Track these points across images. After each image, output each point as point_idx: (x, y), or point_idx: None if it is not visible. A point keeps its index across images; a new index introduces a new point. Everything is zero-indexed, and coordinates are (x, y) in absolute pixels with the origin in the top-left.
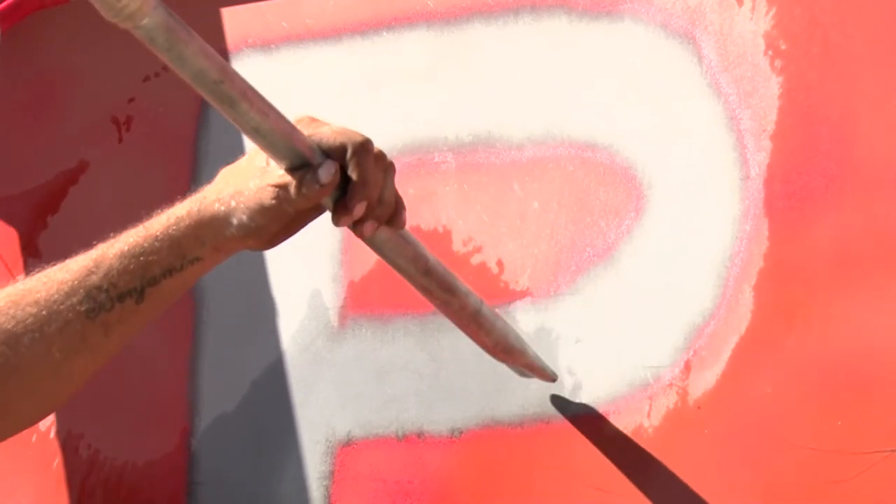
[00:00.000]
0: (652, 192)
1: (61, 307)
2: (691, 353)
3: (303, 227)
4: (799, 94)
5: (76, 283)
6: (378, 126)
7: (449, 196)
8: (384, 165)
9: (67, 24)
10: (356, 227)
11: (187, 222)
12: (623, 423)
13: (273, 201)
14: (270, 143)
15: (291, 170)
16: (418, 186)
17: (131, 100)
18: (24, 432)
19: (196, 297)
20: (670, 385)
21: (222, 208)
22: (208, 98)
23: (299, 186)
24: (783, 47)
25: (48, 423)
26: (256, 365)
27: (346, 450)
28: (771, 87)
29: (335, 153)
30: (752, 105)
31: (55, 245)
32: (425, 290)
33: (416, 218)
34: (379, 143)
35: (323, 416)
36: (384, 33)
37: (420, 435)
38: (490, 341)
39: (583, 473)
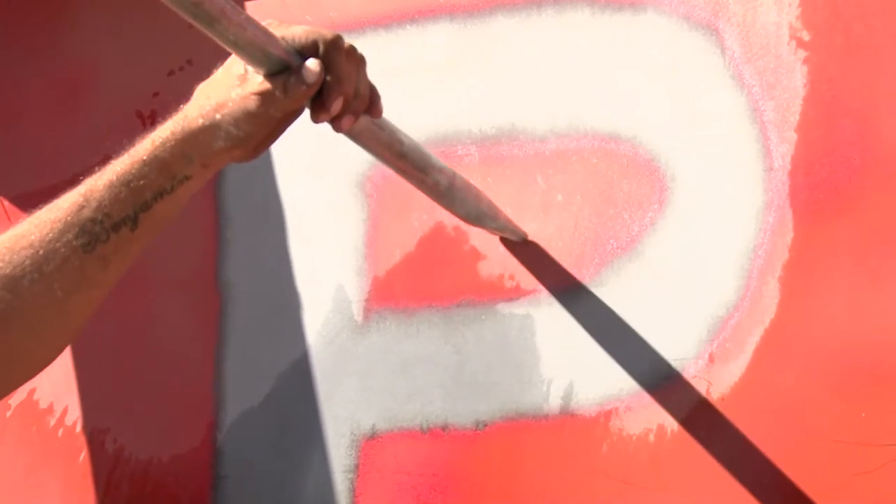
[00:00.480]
0: (675, 183)
1: (57, 245)
2: (715, 344)
3: (282, 132)
4: (822, 85)
5: (69, 219)
6: (401, 119)
7: None
8: (356, 59)
9: (92, 20)
10: (334, 122)
11: (173, 142)
12: (647, 415)
13: (259, 107)
14: (250, 54)
15: (270, 75)
16: None
17: (156, 94)
18: (51, 426)
19: (222, 293)
20: (695, 377)
21: (207, 122)
22: (189, 18)
23: (285, 89)
24: (806, 39)
25: (74, 418)
26: (281, 359)
27: (370, 443)
28: (794, 79)
29: (308, 51)
30: (775, 97)
31: None
32: (401, 171)
33: (440, 210)
34: None
35: (347, 409)
36: (407, 26)
37: (444, 428)
38: (463, 212)
39: (607, 466)
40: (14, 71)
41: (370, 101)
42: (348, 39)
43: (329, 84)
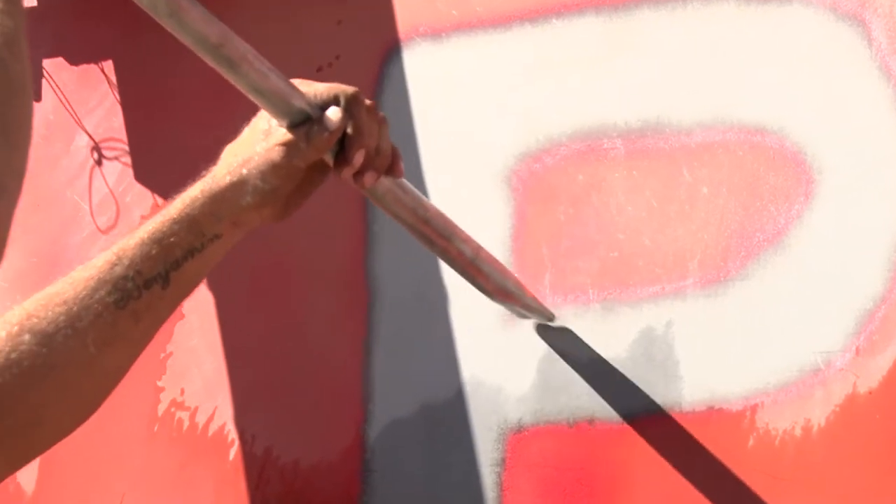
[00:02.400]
0: (822, 176)
1: (90, 301)
2: (862, 337)
3: (312, 190)
4: None
5: (102, 276)
6: (547, 113)
7: (618, 182)
8: (377, 118)
9: (240, 18)
10: (357, 178)
11: (202, 200)
12: (794, 408)
13: (284, 158)
14: (272, 102)
15: (293, 126)
16: (588, 173)
17: None
18: (202, 426)
19: (370, 287)
20: (842, 370)
21: (234, 179)
22: (210, 61)
23: (308, 137)
24: None
25: (224, 416)
26: (428, 353)
27: (517, 437)
28: None
29: (329, 105)
30: None
31: None
32: (424, 239)
33: (586, 204)
34: (548, 131)
35: (494, 403)
36: (553, 20)
37: (591, 422)
38: (489, 285)
39: (754, 460)
40: (167, 71)
41: (392, 161)
42: (494, 34)
43: (350, 136)
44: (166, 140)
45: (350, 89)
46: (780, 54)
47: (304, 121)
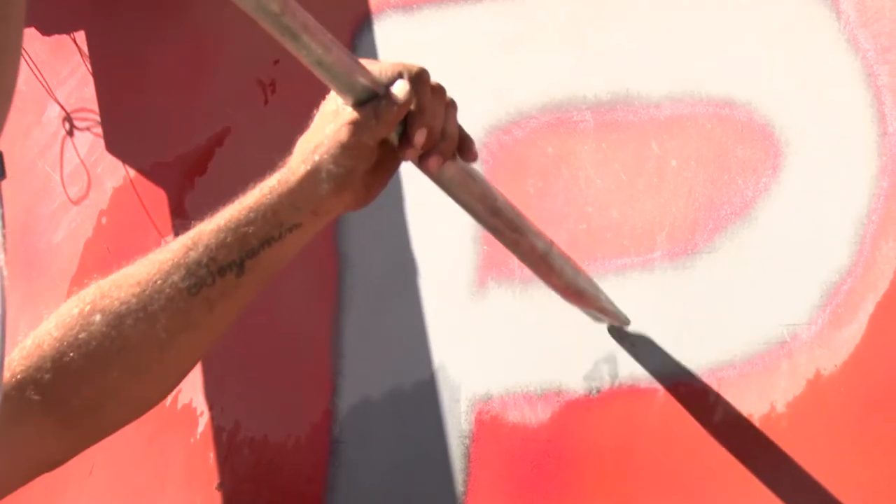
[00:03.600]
0: (789, 149)
1: (163, 285)
2: (828, 310)
3: (389, 174)
4: None
5: (176, 260)
6: (516, 86)
7: (587, 155)
8: (444, 99)
9: None
10: (422, 162)
11: (279, 190)
12: (761, 380)
13: (353, 137)
14: (334, 76)
15: (358, 104)
16: (557, 146)
17: (276, 62)
18: (168, 397)
19: (340, 259)
20: (808, 343)
21: (308, 167)
22: (272, 31)
23: (375, 113)
24: None
25: (194, 390)
26: (398, 325)
27: (485, 408)
28: None
29: (392, 83)
30: (889, 60)
31: (201, 205)
32: (494, 230)
33: (555, 177)
34: (518, 103)
35: (462, 374)
36: None
37: (559, 393)
38: (561, 283)
39: (720, 431)
40: (139, 42)
41: (462, 145)
42: (464, 7)
43: (412, 114)
44: (138, 111)
45: (416, 67)
46: (749, 27)
47: (370, 98)
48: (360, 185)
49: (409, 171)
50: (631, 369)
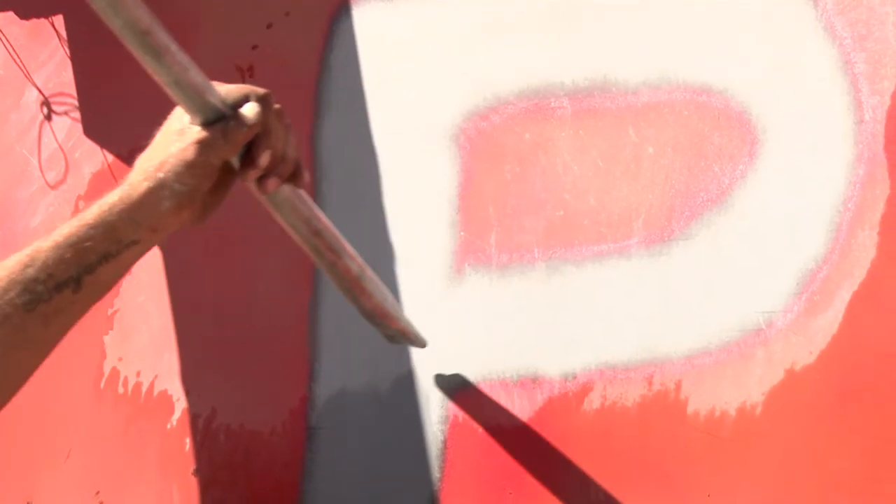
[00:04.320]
0: (766, 136)
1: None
2: (804, 298)
3: (225, 194)
4: None
5: (13, 277)
6: (495, 72)
7: (564, 141)
8: (285, 122)
9: None
10: (261, 182)
11: (120, 206)
12: (736, 367)
13: (199, 156)
14: (189, 96)
15: (206, 124)
16: (534, 132)
17: (254, 47)
18: (145, 383)
19: None
20: (783, 330)
21: (151, 184)
22: (136, 49)
23: (224, 134)
24: None
25: (171, 375)
26: None
27: (461, 394)
28: (886, 31)
29: (241, 104)
30: (866, 48)
31: None
32: (314, 250)
33: (532, 163)
34: (496, 89)
35: (440, 360)
36: None
37: (535, 379)
38: (371, 304)
39: (695, 416)
40: None
41: (296, 169)
42: None
43: (258, 137)
44: (116, 96)
45: (261, 90)
46: (726, 15)
47: (218, 119)
48: (198, 205)
49: (386, 158)
50: (607, 356)
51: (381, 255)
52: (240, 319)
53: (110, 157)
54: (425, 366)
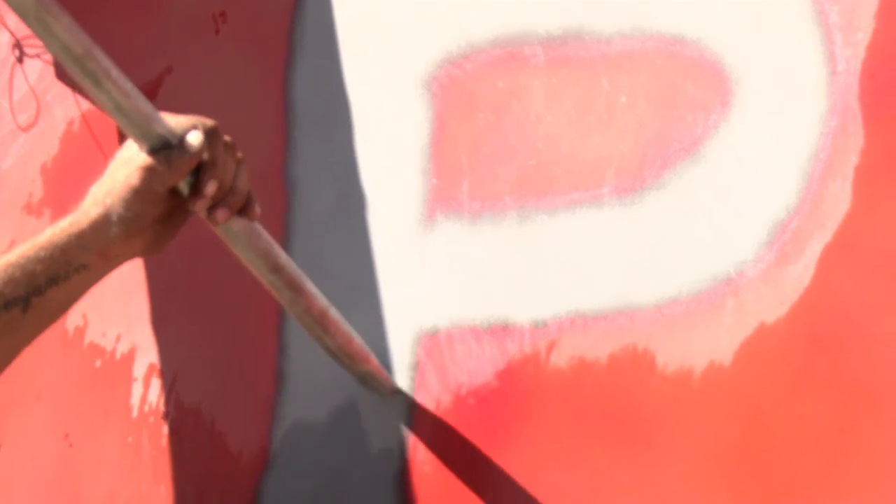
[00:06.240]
0: (739, 86)
1: None
2: (775, 248)
3: (178, 225)
4: None
5: None
6: (468, 19)
7: (538, 90)
8: (235, 154)
9: None
10: (210, 213)
11: (70, 230)
12: (706, 317)
13: (144, 182)
14: (132, 123)
15: (153, 151)
16: (508, 80)
17: None
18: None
19: (289, 190)
20: (753, 280)
21: (100, 209)
22: (74, 73)
23: (168, 160)
24: None
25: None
26: (344, 257)
27: (430, 340)
28: None
29: (186, 134)
30: (840, 0)
31: None
32: (273, 286)
33: (506, 112)
34: (470, 37)
35: (409, 308)
36: None
37: (505, 326)
38: (335, 344)
39: (665, 366)
40: None
41: (247, 202)
42: None
43: (204, 166)
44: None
45: (209, 121)
46: None
47: (164, 147)
48: (149, 233)
49: (358, 105)
50: (577, 304)
51: (351, 201)
52: (206, 266)
53: (82, 101)
54: (394, 312)
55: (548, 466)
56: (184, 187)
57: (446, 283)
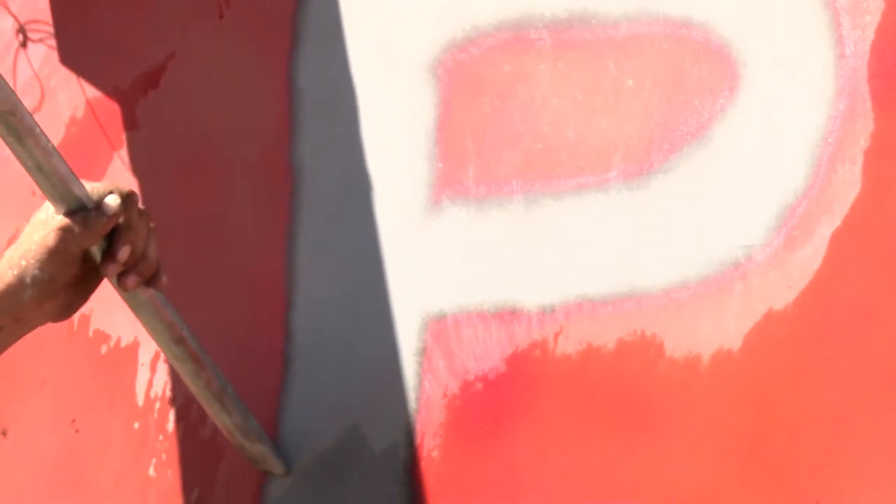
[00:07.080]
0: (746, 70)
1: None
2: (783, 232)
3: (90, 290)
4: None
5: None
6: (474, 3)
7: (544, 74)
8: (148, 223)
9: None
10: (121, 279)
11: None
12: (714, 301)
13: (60, 243)
14: (51, 183)
15: (70, 213)
16: (514, 64)
17: None
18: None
19: (294, 174)
20: (762, 264)
21: (14, 272)
22: None
23: (84, 222)
24: None
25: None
26: (351, 241)
27: (438, 325)
28: None
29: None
30: None
31: (155, 118)
32: (175, 358)
33: (511, 96)
34: (475, 20)
35: (416, 292)
36: None
37: (513, 311)
38: (231, 422)
39: (673, 351)
40: None
41: (156, 272)
42: None
43: (120, 230)
44: (92, 23)
45: (126, 188)
46: None
47: (81, 209)
48: (62, 297)
49: (363, 90)
50: (585, 289)
51: (358, 186)
52: (215, 247)
53: (85, 85)
54: (402, 297)
55: (555, 451)
56: (96, 252)
57: (453, 268)
